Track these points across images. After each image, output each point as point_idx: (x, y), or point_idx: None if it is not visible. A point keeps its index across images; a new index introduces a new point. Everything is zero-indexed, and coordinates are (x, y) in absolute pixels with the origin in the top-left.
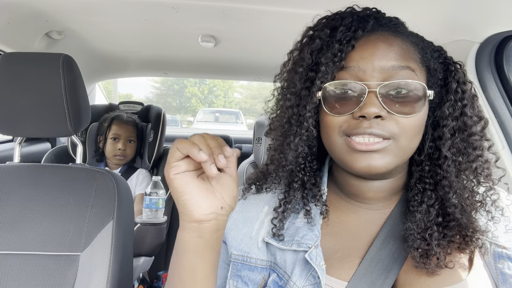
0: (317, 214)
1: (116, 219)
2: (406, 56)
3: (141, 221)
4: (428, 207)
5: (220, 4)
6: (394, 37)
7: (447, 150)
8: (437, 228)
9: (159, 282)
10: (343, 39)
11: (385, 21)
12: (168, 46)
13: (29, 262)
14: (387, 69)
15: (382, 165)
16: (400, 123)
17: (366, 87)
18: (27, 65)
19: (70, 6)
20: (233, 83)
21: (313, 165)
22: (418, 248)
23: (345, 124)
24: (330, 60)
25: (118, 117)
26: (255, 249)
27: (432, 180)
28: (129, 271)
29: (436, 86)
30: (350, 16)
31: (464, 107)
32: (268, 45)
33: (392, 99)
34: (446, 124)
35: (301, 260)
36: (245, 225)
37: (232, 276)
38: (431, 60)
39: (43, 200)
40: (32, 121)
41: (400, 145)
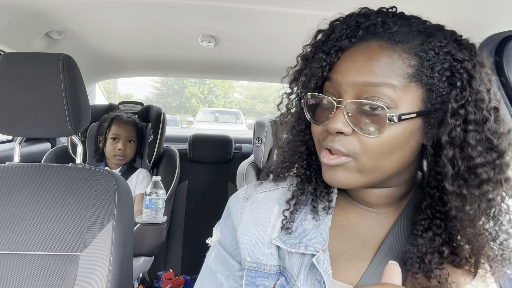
0: (324, 214)
1: (116, 219)
2: (385, 72)
3: (141, 221)
4: (434, 235)
5: (220, 4)
6: (380, 49)
7: (450, 184)
8: (439, 255)
9: (159, 282)
10: (330, 49)
11: (382, 29)
12: (168, 46)
13: (29, 262)
14: (359, 85)
15: (344, 181)
16: (363, 142)
17: (335, 102)
18: (27, 65)
19: (70, 6)
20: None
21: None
22: (417, 273)
23: (321, 135)
24: (315, 69)
25: (118, 117)
26: (269, 256)
27: (443, 209)
28: (129, 271)
29: (437, 103)
30: (347, 23)
31: (467, 135)
32: (268, 45)
33: (359, 117)
34: (445, 154)
35: (307, 264)
36: (257, 229)
37: (247, 284)
38: (428, 74)
39: (43, 200)
40: (32, 121)
41: (362, 164)
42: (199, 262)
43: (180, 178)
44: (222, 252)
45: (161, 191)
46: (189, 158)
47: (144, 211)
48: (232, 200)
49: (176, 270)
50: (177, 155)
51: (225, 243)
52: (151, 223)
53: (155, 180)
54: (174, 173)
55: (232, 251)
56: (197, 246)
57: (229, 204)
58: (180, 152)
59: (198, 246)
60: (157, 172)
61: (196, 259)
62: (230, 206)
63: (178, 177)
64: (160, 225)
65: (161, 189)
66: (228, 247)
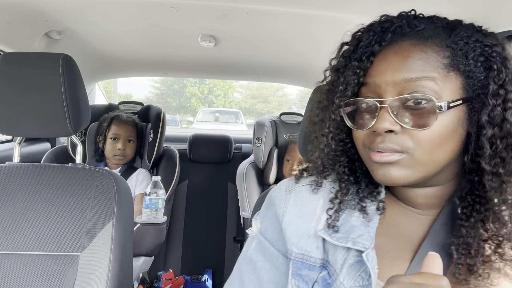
0: (373, 212)
1: (116, 219)
2: (423, 66)
3: (141, 221)
4: (475, 221)
5: (220, 4)
6: (413, 47)
7: (487, 162)
8: (484, 244)
9: (159, 282)
10: (362, 56)
11: (409, 29)
12: (168, 46)
13: (28, 262)
14: (399, 83)
15: (398, 177)
16: (414, 137)
17: (378, 103)
18: (27, 65)
19: (70, 6)
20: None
21: (363, 168)
22: (461, 264)
23: (366, 139)
24: (349, 77)
25: (118, 117)
26: (314, 249)
27: (482, 192)
28: (129, 271)
29: (477, 88)
30: (371, 30)
31: (506, 112)
32: (268, 45)
33: (405, 113)
34: (484, 133)
35: (352, 260)
36: (302, 221)
37: (294, 275)
38: (464, 62)
39: (43, 200)
40: (32, 121)
41: (417, 159)
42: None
43: (180, 178)
44: (264, 243)
45: (161, 191)
46: (189, 158)
47: (144, 211)
48: (274, 191)
49: (176, 270)
50: (177, 155)
51: (267, 233)
52: (151, 223)
53: (155, 180)
54: (174, 173)
55: (274, 241)
56: (197, 246)
57: (271, 194)
58: (180, 152)
59: (198, 246)
60: (157, 172)
61: (196, 259)
62: (273, 196)
63: (178, 177)
64: (160, 225)
65: (161, 189)
66: (270, 237)
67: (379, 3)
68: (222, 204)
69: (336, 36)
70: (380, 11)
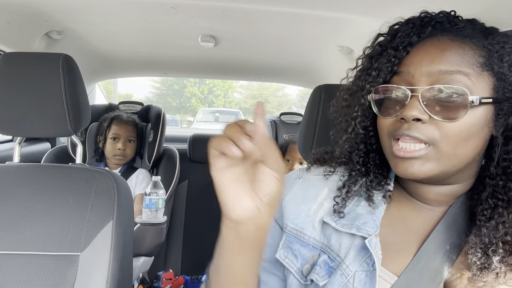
0: (379, 201)
1: (116, 219)
2: (459, 61)
3: (141, 221)
4: (497, 224)
5: (220, 4)
6: (451, 41)
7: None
8: (503, 245)
9: (159, 282)
10: (399, 45)
11: (449, 25)
12: (168, 46)
13: (29, 262)
14: (433, 74)
15: (421, 172)
16: (442, 128)
17: (410, 91)
18: (27, 65)
19: (70, 6)
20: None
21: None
22: (477, 261)
23: (391, 126)
24: (383, 65)
25: (118, 117)
26: (310, 228)
27: (506, 197)
28: (129, 271)
29: (507, 91)
30: (411, 22)
31: None
32: (268, 45)
33: (435, 104)
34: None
35: (358, 246)
36: (303, 202)
37: (284, 246)
38: (498, 64)
39: (43, 200)
40: (32, 121)
41: (442, 152)
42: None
43: (180, 178)
44: None
45: (161, 191)
46: (189, 158)
47: (144, 211)
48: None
49: (176, 270)
50: (177, 155)
51: None
52: (151, 223)
53: (155, 180)
54: (174, 173)
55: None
56: (197, 246)
57: None
58: (180, 152)
59: (198, 246)
60: (157, 172)
61: (196, 259)
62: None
63: (178, 177)
64: (160, 225)
65: (161, 189)
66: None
67: (380, 3)
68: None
69: (336, 36)
70: (380, 11)
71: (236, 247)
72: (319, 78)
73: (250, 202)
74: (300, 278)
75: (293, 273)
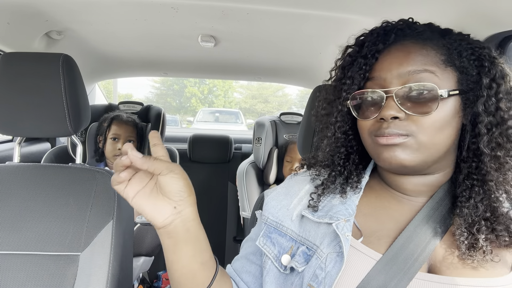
0: (352, 193)
1: (116, 219)
2: (424, 61)
3: (141, 221)
4: (476, 202)
5: (220, 4)
6: (414, 45)
7: (485, 146)
8: (485, 222)
9: (159, 282)
10: (368, 54)
11: (409, 31)
12: (168, 46)
13: (29, 262)
14: (403, 75)
15: (404, 158)
16: (417, 122)
17: (384, 93)
18: (27, 65)
19: (70, 6)
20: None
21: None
22: (465, 241)
23: (372, 127)
24: (356, 73)
25: (118, 117)
26: (288, 220)
27: (480, 176)
28: (129, 271)
29: (470, 83)
30: (375, 32)
31: (499, 102)
32: (268, 45)
33: (409, 101)
34: (481, 121)
35: (332, 232)
36: (285, 198)
37: (264, 235)
38: (458, 59)
39: (43, 200)
40: (32, 121)
41: (420, 141)
42: None
43: None
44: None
45: None
46: (189, 158)
47: None
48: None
49: None
50: (177, 155)
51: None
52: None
53: None
54: None
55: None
56: None
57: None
58: (180, 152)
59: None
60: None
61: None
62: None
63: None
64: None
65: None
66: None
67: (379, 3)
68: (222, 204)
69: (336, 36)
70: (379, 11)
71: (171, 247)
72: (319, 78)
73: (165, 206)
74: (278, 265)
75: (271, 259)
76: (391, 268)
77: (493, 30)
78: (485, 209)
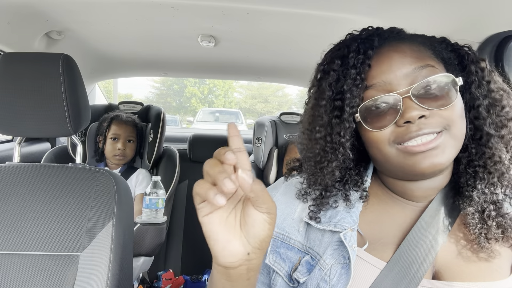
0: (356, 199)
1: (116, 219)
2: (420, 56)
3: (141, 221)
4: (482, 188)
5: (220, 4)
6: (402, 43)
7: (489, 128)
8: (494, 206)
9: (159, 282)
10: (357, 63)
11: (387, 33)
12: (168, 46)
13: (29, 262)
14: (410, 73)
15: (444, 160)
16: (444, 115)
17: (399, 95)
18: (27, 65)
19: (70, 6)
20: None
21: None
22: (481, 232)
23: (392, 135)
24: (352, 85)
25: (117, 117)
26: (295, 232)
27: (481, 161)
28: (129, 271)
29: (457, 72)
30: (354, 41)
31: (489, 84)
32: (268, 45)
33: (427, 97)
34: (480, 104)
35: (336, 241)
36: (287, 206)
37: (272, 251)
38: (442, 52)
39: (43, 200)
40: (32, 121)
41: (453, 134)
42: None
43: (180, 178)
44: None
45: (160, 191)
46: (189, 158)
47: (144, 211)
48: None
49: (176, 270)
50: (177, 155)
51: None
52: (151, 223)
53: (155, 180)
54: (174, 173)
55: None
56: (197, 246)
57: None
58: (180, 152)
59: (198, 246)
60: (157, 172)
61: (196, 259)
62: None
63: (178, 177)
64: (160, 225)
65: (160, 189)
66: None
67: (379, 3)
68: None
69: (336, 36)
70: (379, 11)
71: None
72: None
73: (239, 247)
74: (288, 281)
75: (282, 277)
76: (396, 276)
77: (493, 30)
78: (492, 192)
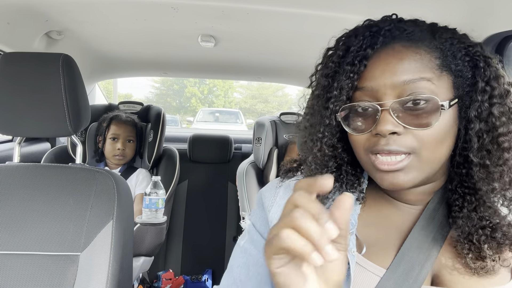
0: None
1: (116, 219)
2: (419, 67)
3: (141, 221)
4: (469, 212)
5: (220, 4)
6: (406, 49)
7: (474, 155)
8: (483, 231)
9: (159, 282)
10: (354, 60)
11: (398, 32)
12: (168, 46)
13: (28, 262)
14: (398, 85)
15: (405, 182)
16: (418, 137)
17: (379, 106)
18: (27, 65)
19: (70, 6)
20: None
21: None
22: (469, 253)
23: (367, 142)
24: (343, 82)
25: (117, 117)
26: None
27: (471, 184)
28: (129, 271)
29: (465, 86)
30: (361, 34)
31: (492, 107)
32: (268, 45)
33: (407, 114)
34: (473, 127)
35: None
36: None
37: None
38: (453, 62)
39: (43, 200)
40: (32, 121)
41: (422, 158)
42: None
43: (180, 178)
44: (254, 233)
45: (160, 191)
46: (189, 158)
47: (144, 211)
48: (264, 188)
49: (176, 270)
50: (177, 155)
51: (257, 224)
52: (151, 223)
53: (155, 180)
54: (174, 173)
55: (263, 232)
56: (197, 246)
57: (261, 191)
58: (180, 152)
59: (198, 246)
60: (157, 172)
61: (196, 259)
62: (262, 192)
63: (178, 177)
64: (160, 225)
65: (160, 189)
66: (259, 227)
67: (379, 3)
68: (222, 204)
69: (336, 36)
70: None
71: None
72: None
73: None
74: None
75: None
76: (398, 281)
77: (493, 30)
78: (480, 217)
